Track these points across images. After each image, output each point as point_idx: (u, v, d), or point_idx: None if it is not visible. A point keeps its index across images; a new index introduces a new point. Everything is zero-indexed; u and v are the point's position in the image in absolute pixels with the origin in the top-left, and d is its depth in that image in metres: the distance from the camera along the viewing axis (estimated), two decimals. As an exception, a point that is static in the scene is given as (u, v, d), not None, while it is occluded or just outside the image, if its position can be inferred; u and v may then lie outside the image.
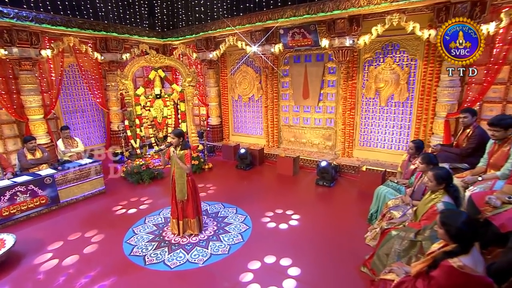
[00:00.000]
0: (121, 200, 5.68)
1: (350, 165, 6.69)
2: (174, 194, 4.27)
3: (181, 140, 4.15)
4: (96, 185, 6.03)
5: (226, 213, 5.04)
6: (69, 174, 5.61)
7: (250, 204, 5.28)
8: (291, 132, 8.07)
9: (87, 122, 8.54)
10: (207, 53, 8.48)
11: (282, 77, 7.90)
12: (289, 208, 5.08)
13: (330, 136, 7.42)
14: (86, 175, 5.87)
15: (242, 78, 8.64)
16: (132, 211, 5.25)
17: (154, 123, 8.02)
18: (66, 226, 4.79)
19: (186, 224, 4.41)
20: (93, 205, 5.55)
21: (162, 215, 5.07)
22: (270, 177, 6.82)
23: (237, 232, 4.48)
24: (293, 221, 4.72)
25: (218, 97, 9.15)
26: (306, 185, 6.26)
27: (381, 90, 6.39)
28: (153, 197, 5.78)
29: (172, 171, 4.21)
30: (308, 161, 7.30)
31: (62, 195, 5.49)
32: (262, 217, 4.84)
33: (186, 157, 4.10)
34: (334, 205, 5.32)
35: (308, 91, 7.44)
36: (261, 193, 5.80)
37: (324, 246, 4.06)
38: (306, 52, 7.30)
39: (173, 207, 4.34)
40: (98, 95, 8.33)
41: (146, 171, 6.61)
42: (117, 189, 6.26)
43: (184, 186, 4.19)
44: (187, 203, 4.29)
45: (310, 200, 5.53)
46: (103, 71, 8.42)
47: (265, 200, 5.44)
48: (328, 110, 7.32)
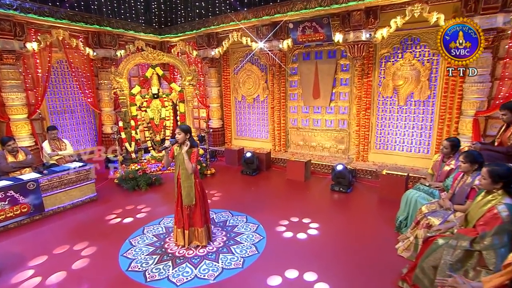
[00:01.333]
0: (115, 208, 5.32)
1: (366, 169, 6.39)
2: (179, 199, 3.91)
3: (188, 136, 3.80)
4: (86, 192, 5.64)
5: (236, 221, 4.72)
6: (56, 179, 5.22)
7: (261, 212, 4.99)
8: (300, 135, 7.80)
9: (77, 124, 8.13)
10: (209, 51, 8.21)
11: (290, 76, 7.67)
12: (305, 216, 4.81)
13: (343, 138, 7.15)
14: (75, 181, 5.48)
15: (247, 77, 8.38)
16: (128, 220, 4.88)
17: (151, 125, 7.68)
18: (52, 238, 4.38)
19: (193, 234, 4.03)
20: (83, 214, 5.17)
21: (163, 225, 4.69)
22: (280, 182, 6.56)
23: (250, 243, 4.12)
24: (312, 230, 4.42)
25: (219, 98, 8.88)
26: (321, 191, 5.98)
27: (399, 88, 6.14)
28: (151, 205, 5.43)
29: (177, 173, 3.86)
30: (320, 165, 7.01)
31: (47, 202, 5.09)
32: (276, 226, 4.53)
33: (192, 155, 3.75)
34: (354, 213, 5.02)
35: (318, 91, 7.20)
36: (272, 200, 5.55)
37: (351, 258, 3.71)
38: (316, 49, 7.08)
39: (178, 214, 3.97)
40: (89, 94, 7.97)
41: (143, 176, 6.23)
42: (110, 196, 5.91)
43: (192, 189, 3.84)
44: (195, 210, 3.93)
45: (327, 207, 5.27)
46: (95, 69, 8.07)
47: (278, 208, 5.17)
48: (340, 110, 7.08)
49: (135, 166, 6.81)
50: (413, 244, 3.65)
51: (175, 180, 3.91)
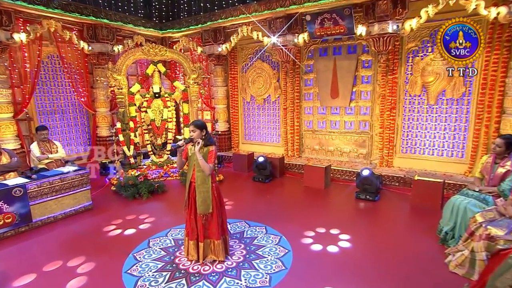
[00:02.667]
0: (114, 218, 4.97)
1: (393, 175, 6.09)
2: (193, 206, 3.56)
3: (204, 133, 3.48)
4: (80, 200, 5.28)
5: (254, 233, 4.40)
6: (47, 185, 4.84)
7: (281, 222, 4.69)
8: (316, 138, 7.55)
9: (68, 126, 7.81)
10: (215, 47, 7.97)
11: (305, 74, 7.44)
12: (332, 226, 4.52)
13: (365, 142, 6.88)
14: (68, 187, 5.12)
15: (256, 75, 8.15)
16: (130, 232, 4.53)
17: (152, 127, 7.36)
18: (41, 252, 4.00)
19: (208, 247, 3.66)
20: (78, 225, 4.80)
21: (171, 237, 4.34)
22: (297, 190, 6.29)
23: (274, 257, 3.76)
24: (344, 242, 4.11)
25: (226, 98, 8.64)
26: (344, 199, 5.71)
27: (429, 86, 5.89)
28: (155, 215, 5.10)
29: (191, 176, 3.52)
30: (340, 171, 6.73)
31: (35, 212, 4.71)
32: (301, 238, 4.23)
33: (210, 155, 3.43)
34: (387, 223, 4.74)
35: (337, 89, 6.96)
36: (291, 209, 5.29)
37: (395, 275, 3.36)
38: (335, 44, 6.86)
39: (191, 224, 3.60)
40: (83, 93, 7.68)
41: (144, 183, 5.89)
42: (107, 205, 5.58)
43: (209, 194, 3.50)
44: (211, 219, 3.58)
45: (356, 217, 5.01)
46: (89, 65, 7.80)
47: (299, 217, 4.90)
48: (361, 111, 6.84)
49: (134, 172, 6.44)
50: (469, 259, 3.29)
51: (188, 184, 3.57)
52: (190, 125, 3.49)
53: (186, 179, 3.60)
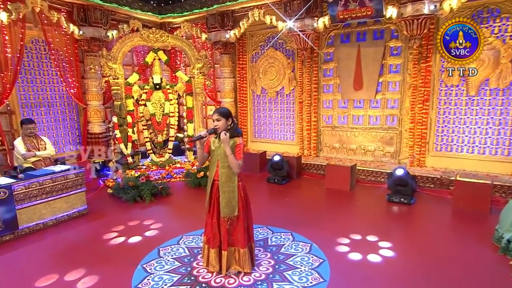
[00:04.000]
0: (114, 224, 4.74)
1: (427, 176, 5.90)
2: (215, 209, 3.32)
3: (230, 123, 3.25)
4: (74, 204, 5.03)
5: (279, 240, 4.20)
6: (36, 186, 4.58)
7: (308, 227, 4.50)
8: (336, 135, 7.37)
9: (55, 121, 7.49)
10: (222, 33, 7.77)
11: (324, 63, 7.25)
12: (368, 232, 4.33)
13: (392, 139, 6.70)
14: (60, 188, 4.86)
15: (268, 65, 7.96)
16: (135, 239, 4.29)
17: (151, 123, 7.14)
18: (31, 265, 3.74)
19: (232, 256, 3.42)
20: (72, 233, 4.55)
21: (183, 245, 4.11)
22: (319, 192, 6.14)
23: (308, 267, 3.54)
24: (385, 250, 3.91)
25: (233, 91, 8.43)
26: (375, 202, 5.53)
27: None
28: (162, 220, 4.88)
29: (214, 173, 3.30)
30: (365, 172, 6.55)
31: (22, 217, 4.45)
32: (335, 246, 4.04)
33: (238, 150, 3.22)
34: (431, 229, 4.53)
35: (361, 80, 6.78)
36: (316, 213, 5.12)
37: (457, 289, 3.12)
38: (359, 29, 6.69)
39: (212, 229, 3.36)
40: (73, 83, 7.37)
41: (147, 184, 5.63)
42: (104, 209, 5.37)
43: (235, 195, 3.27)
44: (237, 223, 3.34)
45: (393, 222, 4.83)
46: (80, 52, 7.50)
47: (328, 222, 4.72)
48: (389, 104, 6.65)
49: (133, 173, 6.17)
50: (541, 268, 3.07)
51: (210, 183, 3.33)
52: (214, 113, 3.25)
53: (208, 177, 3.37)
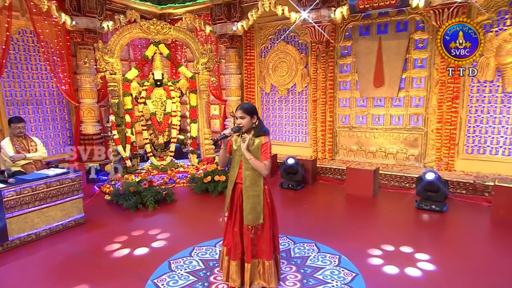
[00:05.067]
0: (115, 234, 4.60)
1: (458, 181, 5.82)
2: (236, 215, 3.19)
3: (255, 120, 3.12)
4: (70, 212, 4.88)
5: (303, 251, 4.08)
6: (28, 191, 4.41)
7: (334, 237, 4.41)
8: (353, 136, 7.31)
9: (44, 120, 7.36)
10: (229, 25, 7.73)
11: (341, 58, 7.20)
12: (401, 243, 4.21)
13: (417, 140, 6.63)
14: (55, 194, 4.70)
15: (279, 61, 7.91)
16: (141, 251, 4.14)
17: (152, 123, 7.04)
18: (25, 281, 3.58)
19: (256, 269, 3.25)
20: (69, 244, 4.40)
21: (197, 257, 3.97)
22: (339, 199, 6.09)
23: (341, 282, 3.41)
24: (424, 263, 3.78)
25: (240, 89, 8.39)
26: (403, 209, 5.43)
27: (506, 68, 5.64)
28: (169, 229, 4.75)
29: (236, 175, 3.17)
30: (387, 176, 6.48)
31: (12, 227, 4.28)
32: (367, 257, 3.92)
33: (264, 149, 3.08)
34: (471, 240, 4.40)
35: (382, 76, 6.72)
36: (340, 222, 5.10)
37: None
38: (379, 20, 6.63)
39: (234, 239, 3.22)
40: (64, 79, 7.25)
41: (149, 190, 5.48)
42: (103, 217, 5.27)
43: (260, 200, 3.13)
44: (262, 232, 3.19)
45: (426, 232, 4.75)
46: (72, 45, 7.40)
47: (354, 232, 4.64)
48: (413, 102, 6.59)
49: (132, 177, 6.03)
50: None
51: (231, 186, 3.19)
52: (237, 110, 3.11)
53: (229, 179, 3.23)
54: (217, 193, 6.00)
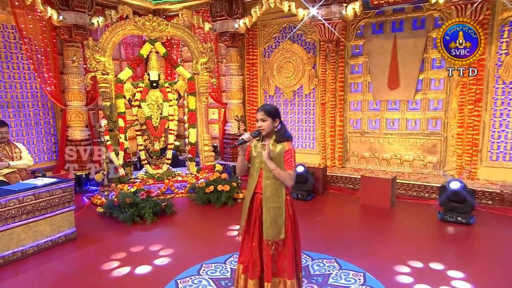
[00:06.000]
0: (112, 251, 4.46)
1: (482, 190, 5.79)
2: (255, 229, 3.07)
3: (277, 124, 3.02)
4: (60, 226, 4.72)
5: (323, 268, 4.00)
6: (14, 204, 4.24)
7: (355, 252, 4.34)
8: (365, 142, 7.31)
9: (27, 125, 7.17)
10: (230, 23, 7.68)
11: (352, 58, 7.21)
12: (430, 259, 4.13)
13: (435, 147, 6.62)
14: (44, 207, 4.53)
15: (284, 61, 7.92)
16: (143, 270, 4.01)
17: (147, 128, 6.94)
18: None
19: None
20: (61, 263, 4.26)
21: (206, 275, 3.85)
22: (354, 210, 6.08)
23: None
24: (459, 282, 3.68)
25: (242, 91, 8.35)
26: (425, 221, 5.40)
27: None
28: (172, 245, 4.63)
29: (255, 185, 3.05)
30: (404, 185, 6.46)
31: None
32: (394, 275, 3.83)
33: (288, 157, 2.97)
34: (507, 255, 4.30)
35: (397, 77, 6.72)
36: (359, 235, 5.09)
37: None
38: (394, 17, 6.64)
39: (252, 255, 3.08)
40: (49, 80, 7.11)
41: (147, 201, 5.36)
42: (96, 232, 5.15)
43: (282, 212, 3.01)
44: (283, 248, 3.06)
45: (455, 246, 4.68)
46: (59, 42, 7.29)
47: (377, 246, 4.58)
48: (431, 105, 6.60)
49: (126, 188, 5.89)
50: None
51: (249, 196, 3.07)
52: (259, 111, 3.00)
53: (247, 189, 3.11)
54: (221, 204, 5.91)
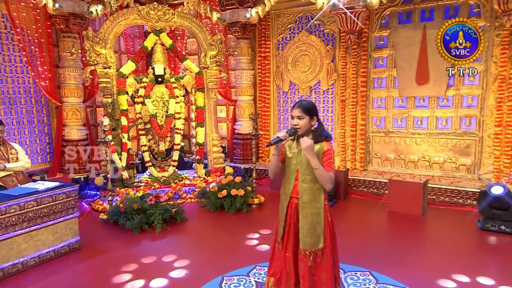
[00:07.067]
0: (122, 262, 4.41)
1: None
2: (290, 237, 3.03)
3: (314, 122, 2.98)
4: (64, 235, 4.67)
5: (358, 282, 3.95)
6: (15, 210, 4.18)
7: (391, 264, 4.32)
8: (390, 143, 7.33)
9: (19, 123, 7.17)
10: (241, 12, 7.64)
11: (375, 50, 7.21)
12: (477, 273, 4.07)
13: (469, 148, 6.61)
14: (47, 214, 4.48)
15: (300, 54, 7.93)
16: (158, 283, 3.95)
17: (152, 126, 6.94)
18: None
19: (314, 305, 3.07)
20: (66, 276, 4.24)
21: None
22: (381, 217, 6.06)
23: None
24: None
25: (252, 87, 8.36)
26: (463, 230, 5.36)
27: None
28: (186, 255, 4.60)
29: (291, 189, 3.01)
30: (435, 190, 6.41)
31: None
32: None
33: (328, 158, 2.92)
34: None
35: (427, 71, 6.70)
36: (392, 245, 5.03)
37: None
38: (423, 5, 6.64)
39: (286, 266, 3.03)
40: (44, 74, 7.09)
41: (156, 207, 5.34)
42: (101, 241, 5.14)
43: (320, 219, 2.97)
44: (322, 259, 3.01)
45: (502, 259, 4.57)
46: (54, 32, 7.27)
47: (414, 257, 4.56)
48: (465, 102, 6.59)
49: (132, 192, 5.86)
50: None
51: (285, 202, 3.03)
52: (295, 108, 2.95)
53: (282, 192, 3.07)
54: (235, 211, 5.87)
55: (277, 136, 2.94)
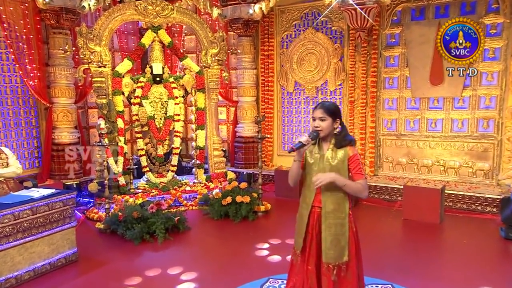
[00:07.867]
0: (124, 275, 4.37)
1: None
2: (311, 249, 2.98)
3: (337, 125, 2.94)
4: (61, 246, 4.62)
5: None
6: (10, 220, 4.11)
7: (412, 276, 4.34)
8: (402, 146, 7.39)
9: (5, 126, 7.12)
10: (244, 8, 7.71)
11: (386, 48, 7.28)
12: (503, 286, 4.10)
13: (487, 152, 6.67)
14: (43, 224, 4.42)
15: (306, 52, 8.02)
16: None
17: (150, 129, 6.93)
18: None
19: (339, 322, 3.03)
20: None
21: None
22: (395, 225, 6.09)
23: None
24: None
25: (255, 87, 8.37)
26: (485, 240, 5.34)
27: None
28: (193, 267, 4.58)
29: (313, 198, 2.97)
30: (452, 196, 6.45)
31: None
32: None
33: (356, 164, 2.90)
34: None
35: (441, 71, 6.78)
36: (412, 255, 5.01)
37: None
38: (438, 1, 6.77)
39: (308, 280, 2.98)
40: (32, 72, 7.07)
41: (158, 215, 5.30)
42: (100, 252, 5.11)
43: (345, 231, 2.93)
44: (346, 273, 2.96)
45: None
46: (44, 29, 7.26)
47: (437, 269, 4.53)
48: (482, 103, 6.66)
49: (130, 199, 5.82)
50: None
51: (306, 211, 2.99)
52: (317, 109, 2.92)
53: (301, 201, 3.04)
54: (240, 219, 5.86)
55: (299, 141, 2.91)
